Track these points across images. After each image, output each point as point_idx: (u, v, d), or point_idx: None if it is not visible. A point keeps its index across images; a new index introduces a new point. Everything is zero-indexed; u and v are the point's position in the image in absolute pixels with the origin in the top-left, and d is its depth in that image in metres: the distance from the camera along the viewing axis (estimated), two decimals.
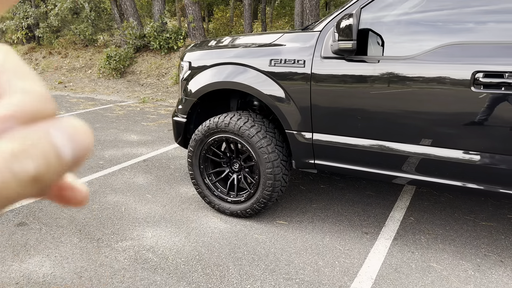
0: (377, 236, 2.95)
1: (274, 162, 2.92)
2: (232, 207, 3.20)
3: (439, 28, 2.41)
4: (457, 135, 2.35)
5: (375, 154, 2.62)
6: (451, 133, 2.36)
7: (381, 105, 2.53)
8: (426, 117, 2.39)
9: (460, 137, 2.35)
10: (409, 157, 2.51)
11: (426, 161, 2.45)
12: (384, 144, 2.58)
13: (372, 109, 2.56)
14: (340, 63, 2.60)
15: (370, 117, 2.58)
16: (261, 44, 2.97)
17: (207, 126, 3.11)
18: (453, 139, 2.36)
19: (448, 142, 2.38)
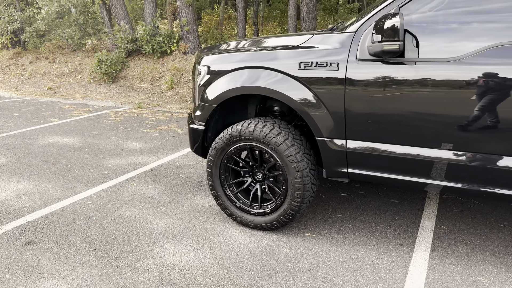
0: (413, 247, 2.80)
1: (304, 171, 2.74)
2: (256, 220, 3.01)
3: (485, 28, 2.27)
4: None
5: (415, 161, 2.47)
6: (506, 139, 2.22)
7: (423, 109, 2.38)
8: (476, 123, 2.25)
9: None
10: (456, 165, 2.36)
11: (478, 169, 2.31)
12: (424, 152, 2.43)
13: (413, 115, 2.41)
14: (378, 66, 2.44)
15: (411, 123, 2.42)
16: (288, 46, 2.80)
17: (229, 134, 2.92)
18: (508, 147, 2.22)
19: (503, 149, 2.24)
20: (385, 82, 2.43)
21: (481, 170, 2.32)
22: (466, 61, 2.23)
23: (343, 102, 2.57)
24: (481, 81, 2.20)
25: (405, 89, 2.39)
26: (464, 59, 2.23)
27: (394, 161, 2.53)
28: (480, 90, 2.21)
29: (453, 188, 2.45)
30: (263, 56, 2.82)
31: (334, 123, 2.62)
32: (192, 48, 10.04)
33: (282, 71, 2.72)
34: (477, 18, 2.27)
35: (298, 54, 2.70)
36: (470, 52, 2.23)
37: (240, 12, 10.92)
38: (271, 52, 2.81)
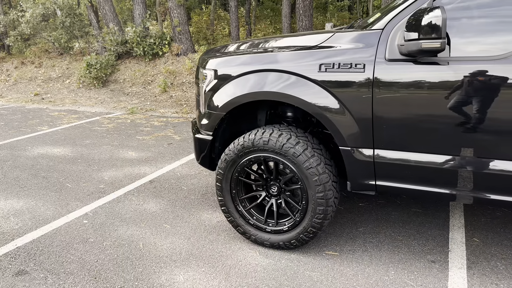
0: (446, 264, 2.55)
1: (326, 184, 2.48)
2: (272, 238, 2.73)
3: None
4: None
5: (453, 172, 2.21)
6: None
7: (463, 114, 2.12)
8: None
9: None
10: (496, 174, 2.11)
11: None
12: (463, 161, 2.18)
13: (451, 120, 2.15)
14: (410, 66, 2.19)
15: (449, 129, 2.17)
16: (306, 46, 2.53)
17: (240, 145, 2.64)
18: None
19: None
20: (419, 84, 2.17)
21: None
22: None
23: (370, 107, 2.30)
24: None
25: (441, 92, 2.13)
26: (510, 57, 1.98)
27: (429, 172, 2.28)
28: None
29: (499, 201, 2.20)
30: (278, 58, 2.55)
31: (360, 130, 2.36)
32: (185, 49, 9.72)
33: (301, 74, 2.44)
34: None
35: (317, 54, 2.43)
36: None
37: (233, 12, 10.62)
38: (287, 54, 2.54)
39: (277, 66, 2.53)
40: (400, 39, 2.20)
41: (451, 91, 2.11)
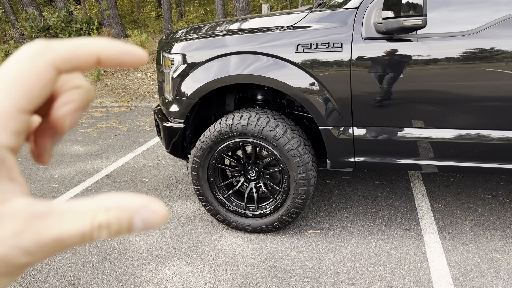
0: (420, 231, 2.71)
1: (307, 165, 2.50)
2: (254, 223, 2.72)
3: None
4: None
5: (429, 143, 2.34)
6: None
7: (439, 88, 2.24)
8: (503, 100, 2.15)
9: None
10: (475, 143, 2.27)
11: (494, 146, 2.23)
12: (440, 133, 2.31)
13: (429, 94, 2.26)
14: (387, 44, 2.25)
15: (426, 103, 2.28)
16: (281, 27, 2.49)
17: (217, 131, 2.56)
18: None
19: None
20: (395, 61, 2.24)
21: (489, 147, 2.26)
22: (484, 34, 2.10)
23: (349, 86, 2.34)
24: (504, 52, 2.10)
25: (418, 68, 2.23)
26: (482, 32, 2.11)
27: (406, 145, 2.38)
28: (501, 63, 2.11)
29: (468, 168, 2.36)
30: (252, 40, 2.49)
31: (340, 109, 2.40)
32: (116, 34, 9.18)
33: (277, 56, 2.41)
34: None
35: (294, 35, 2.40)
36: (484, 23, 2.11)
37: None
38: (261, 35, 2.48)
39: (252, 48, 2.47)
40: (376, 17, 2.24)
41: (425, 66, 2.21)
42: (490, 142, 2.24)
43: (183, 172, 3.79)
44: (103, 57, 0.25)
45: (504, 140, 2.22)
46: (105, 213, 0.22)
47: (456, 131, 2.28)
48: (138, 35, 8.57)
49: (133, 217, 0.22)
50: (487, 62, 2.13)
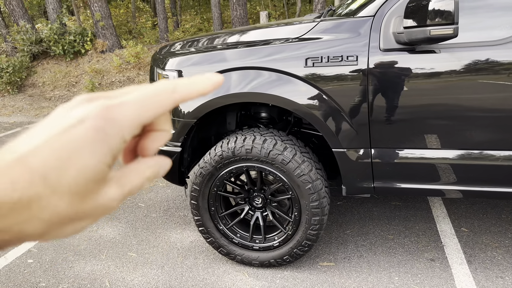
0: (446, 261, 2.43)
1: (320, 192, 2.22)
2: (261, 256, 2.44)
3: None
4: None
5: (465, 166, 2.07)
6: None
7: (470, 104, 1.97)
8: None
9: None
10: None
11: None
12: (476, 153, 2.04)
13: (458, 112, 1.99)
14: (409, 56, 1.98)
15: (456, 121, 2.01)
16: (287, 39, 2.23)
17: (218, 156, 2.29)
18: None
19: None
20: (420, 75, 1.98)
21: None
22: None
23: (366, 103, 2.07)
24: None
25: (445, 82, 1.96)
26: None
27: (432, 169, 2.11)
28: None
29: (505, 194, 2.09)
30: (254, 53, 2.22)
31: (356, 129, 2.13)
32: (110, 45, 8.93)
33: (283, 71, 2.15)
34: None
35: (302, 47, 2.14)
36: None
37: (159, 2, 9.95)
38: (264, 48, 2.22)
39: (255, 62, 2.20)
40: (395, 26, 1.98)
41: (452, 80, 1.95)
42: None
43: (181, 195, 3.51)
44: (181, 100, 0.33)
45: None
46: (149, 169, 0.33)
47: (497, 152, 2.00)
48: (133, 46, 8.32)
49: (159, 171, 0.34)
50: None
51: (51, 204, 0.28)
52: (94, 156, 0.28)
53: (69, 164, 0.28)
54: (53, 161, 0.27)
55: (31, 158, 0.27)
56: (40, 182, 0.27)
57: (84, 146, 0.28)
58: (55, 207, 0.28)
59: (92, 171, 0.28)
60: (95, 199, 0.29)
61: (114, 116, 0.29)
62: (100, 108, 0.29)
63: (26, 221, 0.28)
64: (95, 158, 0.28)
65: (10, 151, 0.27)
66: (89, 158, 0.28)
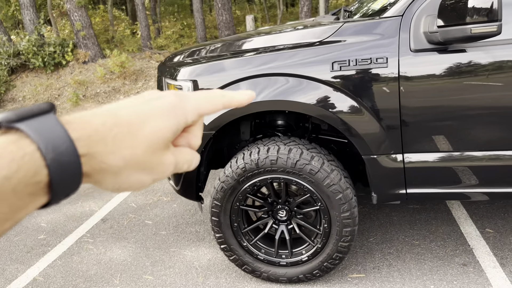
0: (479, 265, 2.36)
1: (351, 202, 2.12)
2: (289, 272, 2.31)
3: None
4: None
5: (497, 168, 2.00)
6: None
7: (508, 104, 1.90)
8: None
9: None
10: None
11: None
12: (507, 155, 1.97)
13: (494, 111, 1.92)
14: (442, 56, 1.90)
15: (491, 122, 1.94)
16: (309, 43, 2.12)
17: (241, 169, 2.16)
18: None
19: None
20: (455, 75, 1.90)
21: None
22: None
23: (397, 106, 1.98)
24: None
25: (481, 82, 1.89)
26: None
27: (468, 172, 2.03)
28: None
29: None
30: (277, 59, 2.10)
31: (387, 134, 2.03)
32: (93, 55, 8.66)
33: (309, 76, 2.04)
34: None
35: (327, 51, 2.04)
36: None
37: (140, 10, 9.72)
38: (287, 53, 2.11)
39: (277, 69, 2.08)
40: (426, 26, 1.90)
41: (488, 79, 1.88)
42: None
43: (189, 209, 3.35)
44: (228, 104, 0.42)
45: None
46: (190, 154, 0.40)
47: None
48: (117, 55, 8.09)
49: (193, 160, 0.41)
50: None
51: (132, 145, 0.34)
52: (166, 123, 0.36)
53: (147, 122, 0.35)
54: (135, 116, 0.35)
55: (119, 111, 0.35)
56: (124, 127, 0.34)
57: (160, 114, 0.36)
58: (134, 149, 0.34)
59: (162, 133, 0.36)
60: (160, 156, 0.36)
61: (183, 100, 0.38)
62: (173, 93, 0.39)
63: (111, 152, 0.33)
64: (166, 124, 0.36)
65: (103, 108, 0.36)
66: (162, 123, 0.36)
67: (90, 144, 0.32)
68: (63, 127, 0.31)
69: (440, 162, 2.04)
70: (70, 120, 0.32)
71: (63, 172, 0.31)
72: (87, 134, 0.32)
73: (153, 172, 0.36)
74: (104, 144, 0.33)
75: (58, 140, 0.30)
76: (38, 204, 0.32)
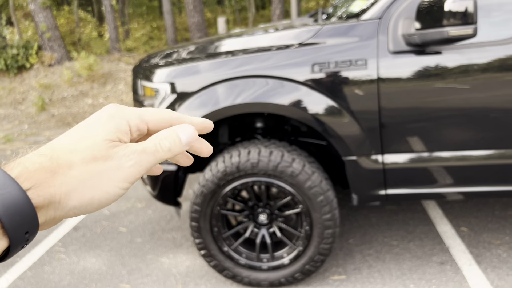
0: (455, 263, 2.41)
1: (332, 203, 2.12)
2: (271, 276, 2.28)
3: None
4: None
5: (474, 167, 2.04)
6: None
7: (483, 105, 1.95)
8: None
9: None
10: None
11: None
12: (482, 154, 2.02)
13: (471, 111, 1.97)
14: (420, 58, 1.93)
15: (468, 122, 1.98)
16: (290, 44, 2.10)
17: (221, 172, 2.12)
18: None
19: None
20: (432, 76, 1.93)
21: None
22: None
23: (376, 107, 2.00)
24: None
25: (458, 83, 1.93)
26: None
27: (447, 172, 2.07)
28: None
29: None
30: (256, 61, 2.08)
31: (367, 135, 2.04)
32: (59, 58, 8.38)
33: (289, 78, 2.02)
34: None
35: (307, 53, 2.03)
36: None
37: (109, 11, 9.49)
38: (267, 55, 2.08)
39: (257, 70, 2.06)
40: (404, 28, 1.92)
41: (464, 80, 1.92)
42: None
43: (164, 216, 3.27)
44: (176, 120, 0.43)
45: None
46: (161, 134, 0.40)
47: (503, 151, 1.99)
48: (85, 58, 7.86)
49: (177, 133, 0.40)
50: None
51: (70, 160, 0.36)
52: (100, 127, 0.38)
53: (83, 134, 0.38)
54: (69, 137, 0.38)
55: (56, 141, 0.38)
56: (61, 149, 0.36)
57: (93, 122, 0.39)
58: (74, 163, 0.36)
59: (99, 136, 0.37)
60: (110, 156, 0.37)
61: (121, 107, 0.40)
62: (112, 104, 0.40)
63: (54, 174, 0.35)
64: (102, 129, 0.38)
65: None
66: (96, 129, 0.38)
67: (32, 175, 0.33)
68: (2, 169, 0.33)
69: (419, 162, 2.07)
70: (10, 165, 0.34)
71: (12, 210, 0.31)
72: (26, 167, 0.33)
73: (119, 169, 0.37)
74: (44, 172, 0.34)
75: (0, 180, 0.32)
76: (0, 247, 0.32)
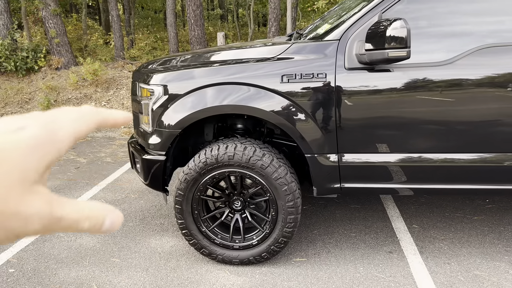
0: (402, 253, 2.78)
1: (295, 193, 2.51)
2: (241, 254, 2.66)
3: (472, 30, 2.33)
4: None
5: (413, 168, 2.44)
6: None
7: (417, 116, 2.35)
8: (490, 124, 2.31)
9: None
10: (458, 166, 2.39)
11: (480, 168, 2.37)
12: (423, 156, 2.42)
13: (409, 120, 2.37)
14: (369, 74, 2.34)
15: (406, 129, 2.38)
16: (264, 58, 2.52)
17: (203, 162, 2.51)
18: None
19: None
20: (378, 90, 2.34)
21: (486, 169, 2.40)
22: (459, 63, 2.26)
23: (333, 114, 2.40)
24: (475, 81, 2.26)
25: (399, 96, 2.34)
26: (457, 61, 2.26)
27: (389, 170, 2.47)
28: (475, 91, 2.27)
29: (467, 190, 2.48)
30: (237, 71, 2.49)
31: (325, 137, 2.44)
32: (66, 62, 8.84)
33: (263, 86, 2.43)
34: (464, 19, 2.33)
35: (278, 66, 2.44)
36: (458, 54, 2.27)
37: (115, 21, 10.01)
38: (246, 66, 2.50)
39: (236, 78, 2.47)
40: (357, 49, 2.34)
41: (404, 94, 2.33)
42: (468, 165, 2.38)
43: (155, 205, 3.65)
44: (102, 122, 0.36)
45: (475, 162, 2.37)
46: (89, 211, 0.31)
47: (436, 155, 2.39)
48: (90, 63, 8.31)
49: (105, 218, 0.32)
50: (461, 89, 2.28)
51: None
52: (23, 161, 0.29)
53: None
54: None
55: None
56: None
57: (16, 150, 0.29)
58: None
59: (16, 174, 0.28)
60: (16, 204, 0.28)
61: (52, 131, 0.31)
62: (39, 125, 0.30)
63: None
64: (24, 162, 0.29)
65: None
66: (17, 161, 0.28)
67: None
68: None
69: (369, 161, 2.46)
70: None
71: None
72: None
73: (21, 227, 0.29)
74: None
75: None
76: None
